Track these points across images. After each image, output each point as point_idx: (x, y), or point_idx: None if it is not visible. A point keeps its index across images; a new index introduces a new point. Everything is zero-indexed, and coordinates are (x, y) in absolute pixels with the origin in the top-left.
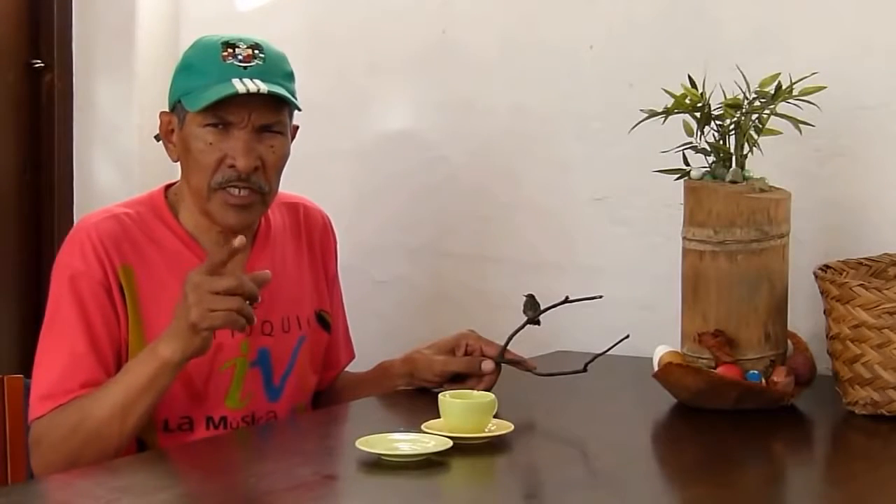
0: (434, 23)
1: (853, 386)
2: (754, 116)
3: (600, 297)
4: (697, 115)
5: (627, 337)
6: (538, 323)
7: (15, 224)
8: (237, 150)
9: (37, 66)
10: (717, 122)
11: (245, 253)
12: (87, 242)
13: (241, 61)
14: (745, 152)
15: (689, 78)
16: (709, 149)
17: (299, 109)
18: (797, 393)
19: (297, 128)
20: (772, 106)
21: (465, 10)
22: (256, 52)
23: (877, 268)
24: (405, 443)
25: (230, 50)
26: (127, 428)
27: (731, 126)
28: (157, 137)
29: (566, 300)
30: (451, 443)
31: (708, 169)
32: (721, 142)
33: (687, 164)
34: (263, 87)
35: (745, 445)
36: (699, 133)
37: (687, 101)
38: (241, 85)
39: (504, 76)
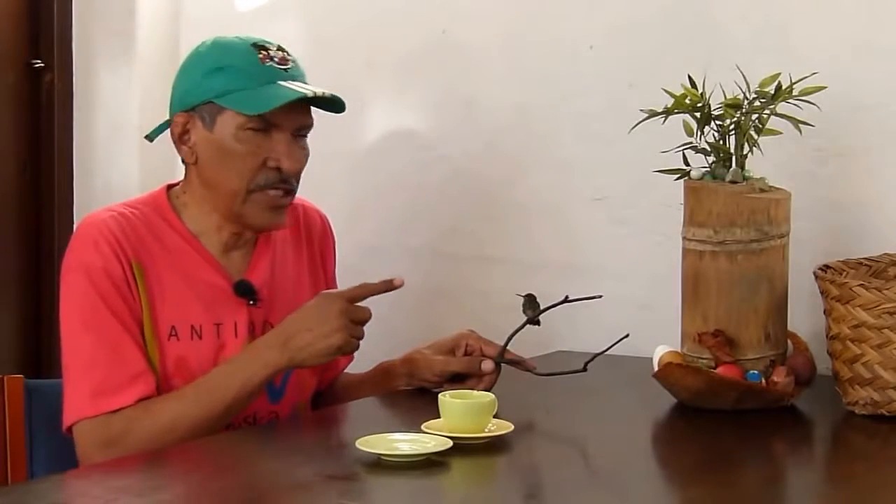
0: (434, 23)
1: (853, 386)
2: (754, 116)
3: (600, 296)
4: (697, 115)
5: (627, 336)
6: (538, 323)
7: (15, 224)
8: (281, 153)
9: (37, 66)
10: (717, 122)
11: (247, 254)
12: (101, 237)
13: (278, 63)
14: (745, 152)
15: (689, 78)
16: (709, 149)
17: (343, 110)
18: (797, 393)
19: None
20: (772, 106)
21: (465, 10)
22: (286, 54)
23: (877, 268)
24: (405, 443)
25: (265, 52)
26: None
27: (731, 126)
28: (149, 138)
29: (566, 300)
30: (451, 443)
31: (708, 169)
32: (721, 142)
33: (687, 164)
34: (326, 92)
35: (745, 445)
36: (699, 133)
37: (687, 101)
38: (302, 89)
39: (504, 76)
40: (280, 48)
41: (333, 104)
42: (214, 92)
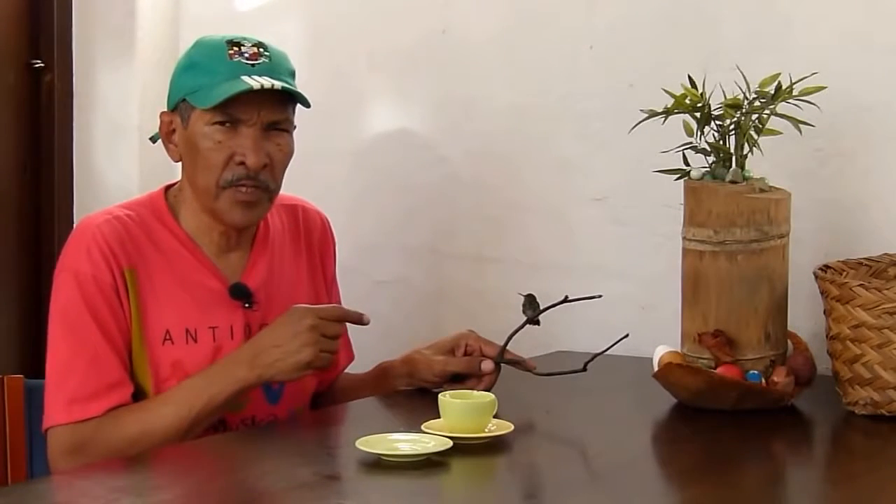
0: (434, 22)
1: (853, 386)
2: (754, 116)
3: (600, 296)
4: (697, 115)
5: (627, 336)
6: (538, 323)
7: (15, 224)
8: (247, 148)
9: (37, 66)
10: (717, 122)
11: (244, 256)
12: (94, 244)
13: (247, 59)
14: (745, 152)
15: (689, 78)
16: (709, 149)
17: (308, 106)
18: (797, 393)
19: (295, 127)
20: (772, 106)
21: (465, 10)
22: (261, 50)
23: (877, 268)
24: (405, 443)
25: (236, 48)
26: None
27: (731, 126)
28: (153, 139)
29: (566, 300)
30: (451, 443)
31: (708, 169)
32: (721, 142)
33: (687, 164)
34: (277, 84)
35: (745, 445)
36: (699, 133)
37: (687, 101)
38: (254, 82)
39: (504, 76)
40: (258, 44)
41: (300, 98)
42: (186, 90)
